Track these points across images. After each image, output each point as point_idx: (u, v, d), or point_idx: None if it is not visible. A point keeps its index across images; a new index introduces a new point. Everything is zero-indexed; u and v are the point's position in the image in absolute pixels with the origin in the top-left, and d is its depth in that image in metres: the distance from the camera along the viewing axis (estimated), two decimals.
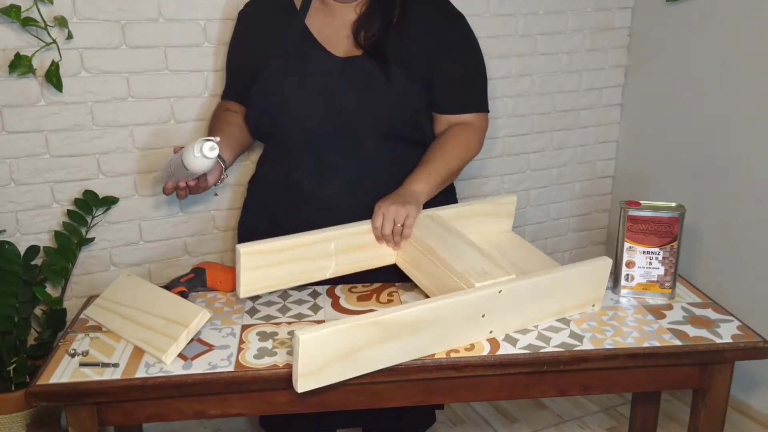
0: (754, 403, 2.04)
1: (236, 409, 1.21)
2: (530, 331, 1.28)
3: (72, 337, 1.26)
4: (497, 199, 1.55)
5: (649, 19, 2.26)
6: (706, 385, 1.30)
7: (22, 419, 1.70)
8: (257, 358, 1.18)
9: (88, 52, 1.70)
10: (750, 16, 1.92)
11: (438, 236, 1.35)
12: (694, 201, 1.87)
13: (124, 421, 1.21)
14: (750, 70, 1.93)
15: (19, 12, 1.57)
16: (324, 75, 1.48)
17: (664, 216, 1.38)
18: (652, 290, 1.41)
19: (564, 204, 2.45)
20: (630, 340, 1.26)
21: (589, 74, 2.34)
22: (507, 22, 2.16)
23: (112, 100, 1.75)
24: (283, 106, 1.49)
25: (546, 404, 2.16)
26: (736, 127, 1.99)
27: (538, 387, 1.27)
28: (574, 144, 2.40)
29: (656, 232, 1.38)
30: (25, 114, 1.69)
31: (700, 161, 2.11)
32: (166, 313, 1.24)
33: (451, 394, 1.26)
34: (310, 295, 1.42)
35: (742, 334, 1.29)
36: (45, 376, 1.14)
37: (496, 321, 1.24)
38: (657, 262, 1.39)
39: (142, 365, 1.17)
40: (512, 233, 1.55)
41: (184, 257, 1.94)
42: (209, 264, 1.46)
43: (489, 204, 1.53)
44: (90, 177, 1.79)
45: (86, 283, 1.85)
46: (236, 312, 1.35)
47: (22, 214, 1.75)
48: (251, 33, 1.59)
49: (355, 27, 1.50)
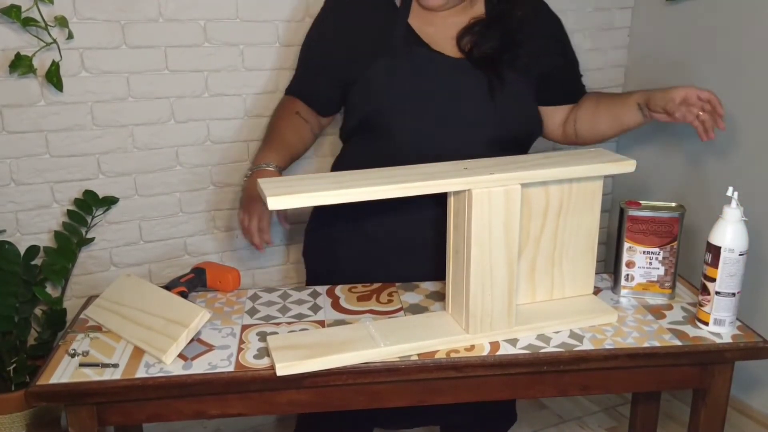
0: (754, 403, 2.04)
1: (236, 409, 1.21)
2: (530, 331, 1.28)
3: (72, 337, 1.26)
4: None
5: (649, 19, 2.26)
6: (706, 385, 1.30)
7: (22, 419, 1.70)
8: (257, 358, 1.18)
9: (88, 52, 1.70)
10: (750, 16, 1.92)
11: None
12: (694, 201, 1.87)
13: (124, 421, 1.21)
14: (750, 69, 1.93)
15: (19, 12, 1.57)
16: (434, 75, 1.45)
17: (664, 216, 1.38)
18: (652, 290, 1.41)
19: None
20: (630, 340, 1.26)
21: (589, 74, 2.34)
22: None
23: (112, 100, 1.75)
24: (392, 107, 1.46)
25: (546, 404, 2.16)
26: (737, 127, 1.99)
27: (538, 387, 1.27)
28: None
29: (656, 232, 1.38)
30: (25, 114, 1.69)
31: (700, 161, 2.11)
32: (166, 313, 1.24)
33: (451, 394, 1.26)
34: (310, 295, 1.42)
35: (742, 334, 1.29)
36: (45, 376, 1.14)
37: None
38: (657, 262, 1.39)
39: (142, 365, 1.17)
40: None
41: (184, 257, 1.94)
42: (209, 264, 1.46)
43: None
44: (90, 177, 1.79)
45: (86, 283, 1.85)
46: (236, 312, 1.35)
47: (22, 214, 1.75)
48: (348, 28, 1.53)
49: (462, 33, 1.48)
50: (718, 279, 1.26)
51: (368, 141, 1.53)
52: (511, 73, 1.49)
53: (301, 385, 1.17)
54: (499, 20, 1.50)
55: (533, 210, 1.26)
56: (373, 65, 1.46)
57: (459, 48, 1.49)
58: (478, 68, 1.46)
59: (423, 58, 1.47)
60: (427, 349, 1.20)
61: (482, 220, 1.17)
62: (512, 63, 1.50)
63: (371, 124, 1.50)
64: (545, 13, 1.63)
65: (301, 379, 1.15)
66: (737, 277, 1.26)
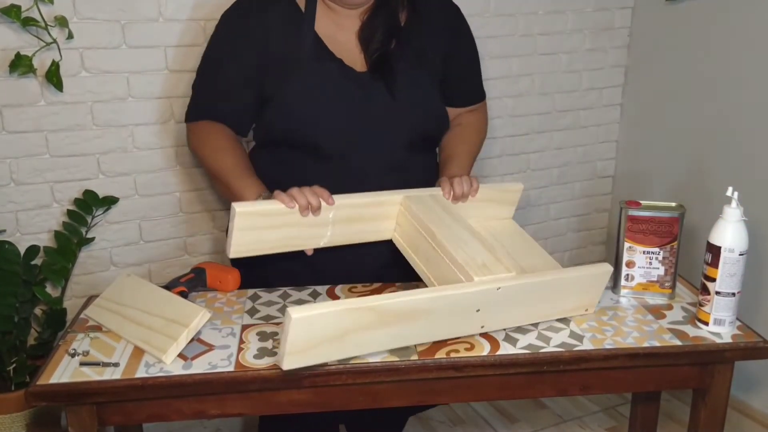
0: (754, 403, 2.04)
1: (236, 409, 1.21)
2: (530, 331, 1.28)
3: (72, 337, 1.26)
4: (504, 186, 1.52)
5: (649, 19, 2.26)
6: (706, 385, 1.30)
7: (22, 419, 1.70)
8: (257, 358, 1.18)
9: (88, 52, 1.70)
10: (750, 15, 1.92)
11: (440, 220, 1.32)
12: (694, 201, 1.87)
13: (124, 421, 1.21)
14: (750, 69, 1.93)
15: (19, 12, 1.57)
16: (346, 89, 1.44)
17: (664, 216, 1.38)
18: (652, 290, 1.41)
19: (564, 204, 2.45)
20: (630, 340, 1.26)
21: (589, 74, 2.34)
22: (507, 22, 2.16)
23: (112, 100, 1.75)
24: (307, 123, 1.44)
25: (546, 404, 2.16)
26: (736, 127, 1.99)
27: (538, 387, 1.27)
28: (574, 144, 2.40)
29: (656, 232, 1.38)
30: (25, 114, 1.69)
31: (700, 161, 2.11)
32: (166, 313, 1.24)
33: (451, 394, 1.26)
34: (309, 294, 1.42)
35: (742, 334, 1.29)
36: (45, 376, 1.14)
37: (490, 317, 1.23)
38: (657, 262, 1.39)
39: (142, 365, 1.17)
40: (512, 222, 1.53)
41: (184, 257, 1.94)
42: (209, 264, 1.46)
43: (495, 191, 1.50)
44: (90, 177, 1.79)
45: (86, 283, 1.85)
46: (236, 312, 1.35)
47: (22, 214, 1.75)
48: (254, 44, 1.45)
49: (361, 38, 1.47)
50: (718, 279, 1.26)
51: (287, 151, 1.49)
52: (412, 72, 1.48)
53: (301, 384, 1.17)
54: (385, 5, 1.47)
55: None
56: (285, 83, 1.43)
57: (362, 51, 1.47)
58: (379, 76, 1.45)
59: (332, 71, 1.44)
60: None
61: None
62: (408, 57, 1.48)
63: (288, 140, 1.47)
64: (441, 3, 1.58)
65: (301, 379, 1.15)
66: (737, 277, 1.26)
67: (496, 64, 2.17)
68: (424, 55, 1.51)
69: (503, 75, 2.20)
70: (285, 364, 1.10)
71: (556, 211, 2.44)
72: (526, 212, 2.38)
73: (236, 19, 1.48)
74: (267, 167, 1.51)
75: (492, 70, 2.17)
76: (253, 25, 1.45)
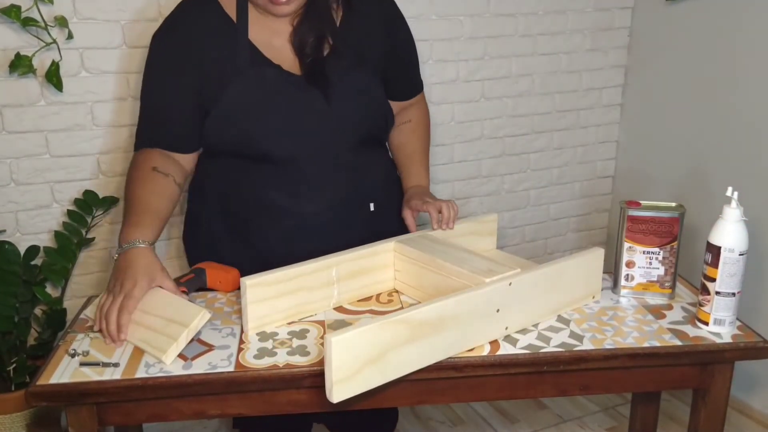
0: (754, 403, 2.04)
1: (236, 409, 1.21)
2: (530, 331, 1.28)
3: (72, 337, 1.26)
4: (479, 218, 1.56)
5: (649, 19, 2.27)
6: (706, 385, 1.30)
7: (22, 419, 1.70)
8: (257, 358, 1.18)
9: (88, 52, 1.70)
10: (750, 15, 1.92)
11: (435, 249, 1.37)
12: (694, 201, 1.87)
13: (124, 421, 1.21)
14: (750, 69, 1.93)
15: (19, 12, 1.57)
16: (286, 94, 1.43)
17: (664, 216, 1.38)
18: (652, 290, 1.41)
19: (564, 204, 2.45)
20: (630, 340, 1.26)
21: (589, 74, 2.34)
22: (507, 22, 2.16)
23: (112, 100, 1.76)
24: (251, 129, 1.43)
25: (546, 404, 2.16)
26: (736, 127, 1.99)
27: (538, 387, 1.27)
28: (574, 144, 2.40)
29: (656, 232, 1.38)
30: (25, 114, 1.69)
31: (700, 161, 2.12)
32: (166, 313, 1.24)
33: (451, 394, 1.26)
34: None
35: (742, 334, 1.29)
36: (45, 376, 1.14)
37: (510, 316, 1.25)
38: (657, 262, 1.39)
39: (142, 365, 1.17)
40: (498, 251, 1.57)
41: (184, 257, 1.94)
42: (209, 264, 1.46)
43: (472, 223, 1.54)
44: (90, 177, 1.79)
45: (86, 283, 1.85)
46: (236, 312, 1.35)
47: (22, 214, 1.75)
48: (188, 60, 1.42)
49: (294, 44, 1.45)
50: (718, 279, 1.26)
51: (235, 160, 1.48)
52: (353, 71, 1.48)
53: (301, 385, 1.17)
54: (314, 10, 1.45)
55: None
56: (224, 94, 1.42)
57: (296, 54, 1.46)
58: (314, 81, 1.44)
59: (271, 78, 1.43)
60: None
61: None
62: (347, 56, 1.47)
63: (234, 149, 1.46)
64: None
65: (301, 379, 1.15)
66: (737, 277, 1.26)
67: (496, 64, 2.17)
68: (363, 53, 1.50)
69: (503, 75, 2.20)
70: (334, 396, 1.06)
71: (556, 211, 2.44)
72: (526, 212, 2.38)
73: (167, 40, 1.45)
74: (217, 177, 1.51)
75: (492, 70, 2.17)
76: (185, 43, 1.43)
